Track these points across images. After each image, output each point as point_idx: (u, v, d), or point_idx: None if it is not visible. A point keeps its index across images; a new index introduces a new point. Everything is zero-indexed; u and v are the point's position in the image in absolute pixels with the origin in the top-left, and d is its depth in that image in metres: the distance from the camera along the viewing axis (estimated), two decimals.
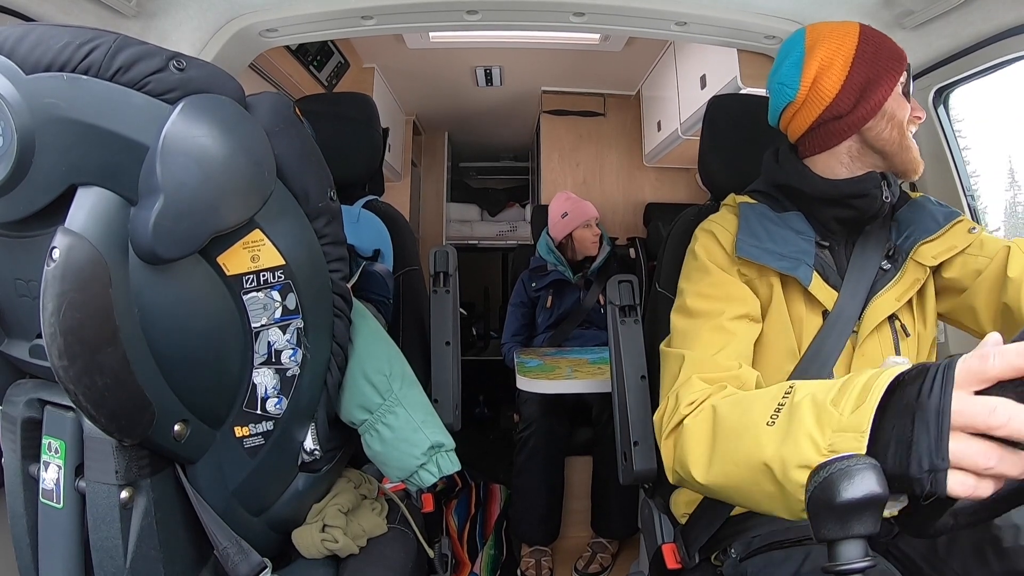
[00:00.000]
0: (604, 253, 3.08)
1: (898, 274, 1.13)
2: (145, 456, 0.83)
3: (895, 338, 1.13)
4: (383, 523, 1.17)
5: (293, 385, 0.95)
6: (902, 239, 1.15)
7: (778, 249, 1.12)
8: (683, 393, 1.00)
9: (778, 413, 0.75)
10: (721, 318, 1.09)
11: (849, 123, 1.10)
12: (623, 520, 2.44)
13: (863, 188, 1.10)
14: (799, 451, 0.68)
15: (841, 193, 1.11)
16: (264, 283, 0.88)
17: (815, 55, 1.11)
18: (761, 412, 0.78)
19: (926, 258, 1.12)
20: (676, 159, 4.00)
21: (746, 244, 1.14)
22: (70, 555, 0.84)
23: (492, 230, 5.89)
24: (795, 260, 1.11)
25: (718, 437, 0.87)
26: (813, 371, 1.10)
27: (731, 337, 1.07)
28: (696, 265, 1.19)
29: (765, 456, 0.74)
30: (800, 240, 1.14)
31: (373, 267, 1.55)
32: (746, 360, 1.07)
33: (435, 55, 3.71)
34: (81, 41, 0.71)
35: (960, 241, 1.13)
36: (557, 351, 2.75)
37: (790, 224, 1.16)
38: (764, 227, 1.16)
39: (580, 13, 1.67)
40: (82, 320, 0.68)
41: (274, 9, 1.61)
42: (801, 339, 1.13)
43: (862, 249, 1.15)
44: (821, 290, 1.12)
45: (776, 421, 0.75)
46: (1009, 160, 2.03)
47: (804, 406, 0.71)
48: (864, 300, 1.12)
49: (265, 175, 0.83)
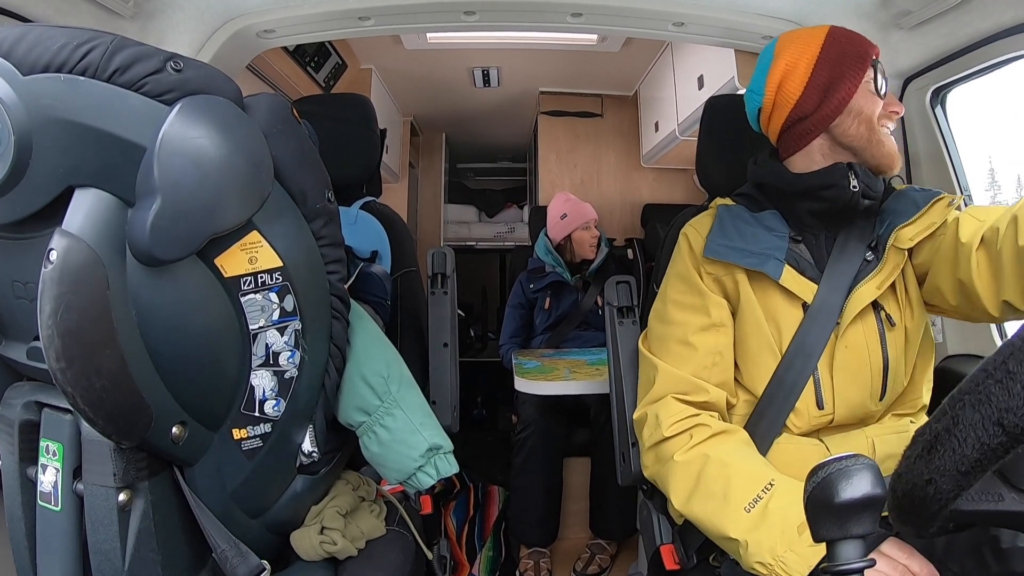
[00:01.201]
0: (602, 254, 3.07)
1: (880, 263, 1.13)
2: (143, 458, 0.83)
3: (880, 328, 1.13)
4: (381, 525, 1.17)
5: (291, 387, 0.95)
6: (884, 228, 1.15)
7: (747, 247, 1.17)
8: (663, 415, 1.14)
9: (754, 505, 0.98)
10: (687, 331, 1.19)
11: (815, 122, 1.15)
12: (621, 521, 2.43)
13: (829, 179, 1.13)
14: (760, 550, 0.94)
15: (809, 185, 1.15)
16: (262, 285, 0.88)
17: (780, 61, 1.17)
18: (741, 493, 1.00)
19: (903, 241, 1.12)
20: (674, 160, 3.99)
21: (715, 244, 1.19)
22: (68, 558, 0.84)
23: (490, 231, 5.89)
24: (763, 256, 1.15)
25: (700, 490, 1.05)
26: (798, 365, 1.12)
27: (694, 352, 1.18)
28: (674, 271, 1.27)
29: (735, 533, 0.97)
30: (772, 237, 1.18)
31: (371, 269, 1.54)
32: (711, 369, 1.17)
33: (433, 56, 3.71)
34: (78, 42, 0.71)
35: (939, 218, 1.12)
36: (555, 352, 2.75)
37: (763, 222, 1.20)
38: (736, 227, 1.21)
39: (578, 14, 1.67)
40: (79, 322, 0.68)
41: (271, 10, 1.61)
42: (781, 334, 1.15)
43: (844, 241, 1.16)
44: (796, 283, 1.14)
45: (751, 511, 0.98)
46: (990, 160, 2.04)
47: (775, 517, 0.95)
48: (847, 291, 1.13)
49: (263, 176, 0.83)
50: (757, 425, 1.14)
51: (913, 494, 0.62)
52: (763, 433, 1.13)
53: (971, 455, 0.58)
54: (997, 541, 0.93)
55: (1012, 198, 2.12)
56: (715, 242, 1.19)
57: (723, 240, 1.19)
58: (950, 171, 1.63)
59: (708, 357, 1.17)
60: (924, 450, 0.62)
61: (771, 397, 1.13)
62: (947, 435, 0.59)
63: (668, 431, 1.11)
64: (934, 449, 0.61)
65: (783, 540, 0.92)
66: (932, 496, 0.62)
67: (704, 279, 1.20)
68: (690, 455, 1.08)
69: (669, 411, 1.13)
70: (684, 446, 1.10)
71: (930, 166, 1.67)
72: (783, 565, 0.91)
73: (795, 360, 1.13)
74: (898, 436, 1.12)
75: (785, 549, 0.92)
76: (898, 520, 0.68)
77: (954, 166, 1.63)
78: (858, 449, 1.09)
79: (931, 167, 1.66)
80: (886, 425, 1.14)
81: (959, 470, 0.59)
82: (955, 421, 0.59)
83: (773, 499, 0.97)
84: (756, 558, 0.94)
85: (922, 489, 0.62)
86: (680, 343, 1.18)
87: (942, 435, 0.60)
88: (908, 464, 0.64)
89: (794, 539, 0.92)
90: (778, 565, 0.91)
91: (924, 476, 0.62)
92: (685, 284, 1.22)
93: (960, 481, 0.60)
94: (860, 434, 1.12)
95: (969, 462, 0.58)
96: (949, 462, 0.60)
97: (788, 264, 1.15)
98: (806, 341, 1.13)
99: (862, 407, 1.13)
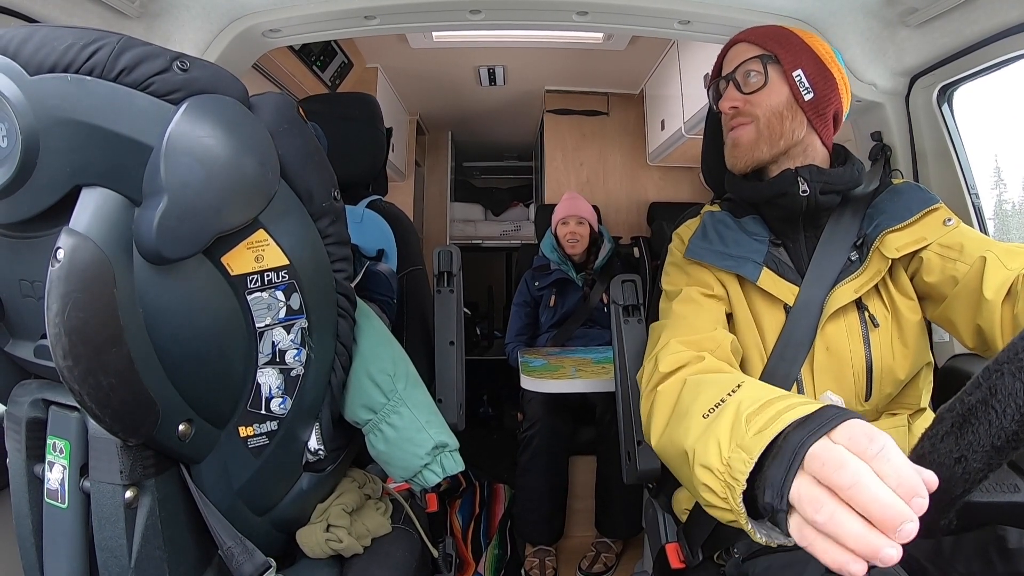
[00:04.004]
0: (607, 252, 3.08)
1: (863, 265, 1.13)
2: (150, 456, 0.83)
3: (864, 329, 1.12)
4: (387, 523, 1.18)
5: (297, 385, 0.96)
6: (872, 228, 1.14)
7: (727, 251, 1.18)
8: (662, 356, 1.04)
9: (715, 409, 0.78)
10: (691, 292, 1.17)
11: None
12: (627, 520, 2.44)
13: (780, 188, 1.14)
14: (706, 452, 0.73)
15: (765, 196, 1.17)
16: (268, 283, 0.88)
17: None
18: (705, 401, 0.81)
19: (890, 249, 1.10)
20: (680, 158, 3.99)
21: (696, 247, 1.22)
22: (75, 555, 0.85)
23: (496, 230, 5.89)
24: (741, 259, 1.17)
25: (675, 412, 0.90)
26: (783, 368, 1.12)
27: (700, 307, 1.15)
28: (670, 260, 1.31)
29: (687, 444, 0.79)
30: (752, 241, 1.19)
31: (377, 267, 1.55)
32: (720, 323, 1.14)
33: (438, 55, 3.71)
34: (85, 42, 0.71)
35: (931, 234, 1.10)
36: (561, 350, 2.75)
37: (745, 227, 1.22)
38: (718, 231, 1.23)
39: (583, 12, 1.67)
40: (86, 320, 0.68)
41: (277, 9, 1.61)
42: (765, 336, 1.15)
43: (828, 241, 1.16)
44: (775, 286, 1.15)
45: (708, 415, 0.78)
46: (995, 159, 2.03)
47: (728, 411, 0.75)
48: (828, 292, 1.13)
49: (269, 175, 0.83)
50: None
51: (937, 476, 0.60)
52: None
53: (1009, 427, 0.56)
54: (1004, 541, 0.92)
55: (1018, 196, 2.11)
56: (696, 245, 1.22)
57: (704, 244, 1.22)
58: (956, 169, 1.62)
59: (714, 313, 1.15)
60: (954, 426, 0.60)
61: None
62: (983, 407, 0.57)
63: (664, 367, 1.01)
64: (967, 423, 0.59)
65: (732, 436, 0.71)
66: (959, 477, 0.59)
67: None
68: (670, 385, 0.97)
69: (668, 351, 1.04)
70: (670, 380, 0.99)
71: (936, 164, 1.66)
72: (729, 471, 0.68)
73: (780, 362, 1.13)
74: (895, 431, 1.12)
75: (734, 445, 0.70)
76: None
77: (961, 164, 1.63)
78: None
79: (937, 165, 1.66)
80: (882, 423, 1.13)
81: (994, 444, 0.57)
82: (992, 391, 0.57)
83: (736, 394, 0.79)
84: (700, 475, 0.73)
85: (949, 469, 0.59)
86: (685, 301, 1.16)
87: (976, 407, 0.58)
88: (932, 444, 0.61)
89: (740, 431, 0.70)
90: (726, 473, 0.69)
91: (953, 454, 0.59)
92: (681, 269, 1.25)
93: (992, 459, 0.58)
94: None
95: (1007, 435, 0.56)
96: (984, 436, 0.57)
97: (767, 267, 1.15)
98: (790, 343, 1.13)
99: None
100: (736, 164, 1.19)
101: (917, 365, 1.14)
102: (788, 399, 0.71)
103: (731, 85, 1.17)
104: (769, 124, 1.14)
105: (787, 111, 1.13)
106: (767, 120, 1.13)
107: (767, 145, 1.15)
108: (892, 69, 1.66)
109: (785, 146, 1.15)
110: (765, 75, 1.13)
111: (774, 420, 0.67)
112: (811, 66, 1.13)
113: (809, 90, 1.12)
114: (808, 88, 1.12)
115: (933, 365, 1.19)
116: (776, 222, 1.20)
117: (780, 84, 1.13)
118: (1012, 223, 2.23)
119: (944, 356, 1.66)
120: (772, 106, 1.13)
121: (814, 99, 1.12)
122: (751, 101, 1.14)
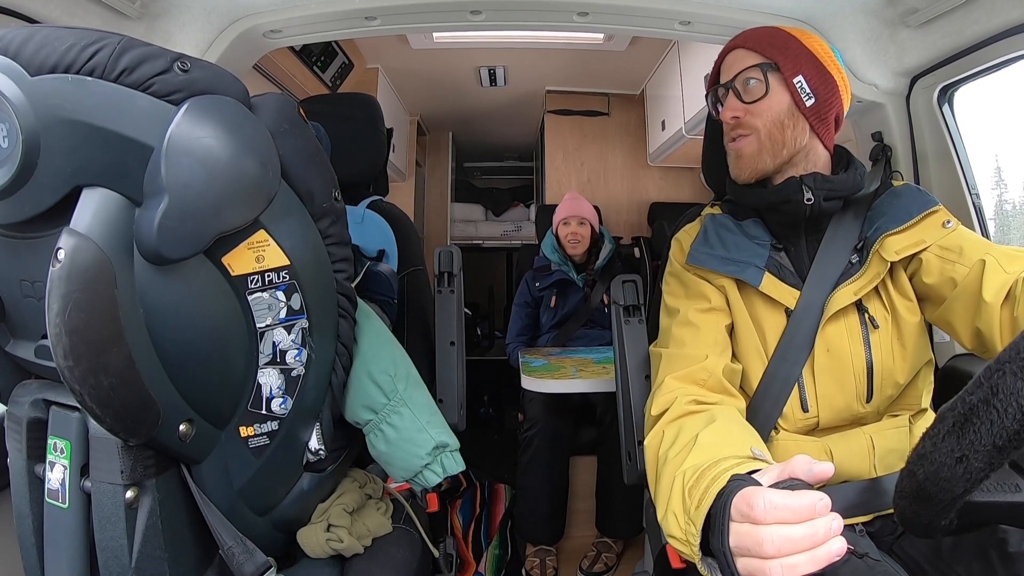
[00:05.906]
0: (608, 252, 3.08)
1: (863, 268, 1.13)
2: (150, 456, 0.83)
3: (864, 331, 1.12)
4: (388, 523, 1.18)
5: (298, 385, 0.96)
6: (872, 230, 1.14)
7: (728, 255, 1.18)
8: (656, 396, 1.08)
9: (673, 481, 0.84)
10: (688, 313, 1.17)
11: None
12: (628, 520, 2.43)
13: (784, 195, 1.13)
14: (668, 523, 0.81)
15: (769, 202, 1.16)
16: (269, 283, 0.88)
17: None
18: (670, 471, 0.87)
19: (889, 252, 1.10)
20: (680, 158, 3.98)
21: (697, 252, 1.22)
22: (75, 555, 0.85)
23: (496, 230, 5.90)
24: (743, 264, 1.16)
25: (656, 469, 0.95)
26: (784, 371, 1.12)
27: (696, 330, 1.15)
28: (668, 272, 1.29)
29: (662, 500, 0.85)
30: (754, 245, 1.19)
31: (377, 267, 1.55)
32: (715, 345, 1.14)
33: (439, 55, 3.71)
34: (86, 43, 0.72)
35: (930, 236, 1.10)
36: (561, 351, 2.74)
37: (746, 231, 1.21)
38: (719, 235, 1.22)
39: (584, 13, 1.67)
40: (87, 320, 0.68)
41: (278, 10, 1.61)
42: (767, 339, 1.15)
43: (829, 244, 1.16)
44: (777, 290, 1.14)
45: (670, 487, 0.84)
46: (996, 159, 2.02)
47: (677, 484, 0.82)
48: (828, 295, 1.12)
49: (269, 176, 0.83)
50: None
51: (938, 476, 0.60)
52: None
53: (1011, 426, 0.56)
54: (1004, 544, 0.92)
55: (1019, 197, 2.11)
56: (698, 250, 1.22)
57: (706, 248, 1.21)
58: (957, 169, 1.62)
59: (711, 334, 1.15)
60: (955, 425, 0.60)
61: (760, 401, 1.13)
62: (984, 406, 0.58)
63: (655, 410, 1.05)
64: (968, 423, 0.59)
65: (684, 510, 0.78)
66: (960, 476, 0.59)
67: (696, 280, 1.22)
68: (655, 432, 1.01)
69: (661, 391, 1.07)
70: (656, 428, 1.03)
71: (937, 165, 1.66)
72: (687, 537, 0.76)
73: (780, 365, 1.13)
74: (897, 431, 1.12)
75: (686, 520, 0.77)
76: (910, 509, 0.67)
77: (961, 165, 1.62)
78: (857, 446, 1.10)
79: (938, 165, 1.66)
80: (883, 425, 1.13)
81: (995, 444, 0.57)
82: (994, 391, 0.57)
83: (682, 467, 0.84)
84: (668, 524, 0.81)
85: (950, 469, 0.60)
86: (682, 324, 1.17)
87: (978, 407, 0.58)
88: (934, 443, 0.62)
89: (688, 505, 0.77)
90: (685, 539, 0.76)
91: (955, 453, 0.60)
92: (679, 280, 1.24)
93: (994, 458, 0.58)
94: (858, 432, 1.11)
95: (1008, 434, 0.57)
96: (986, 435, 0.58)
97: (769, 272, 1.15)
98: (791, 346, 1.12)
99: (848, 410, 1.12)
100: (740, 175, 1.19)
101: (917, 366, 1.14)
102: (717, 467, 0.77)
103: (731, 94, 1.16)
104: (771, 135, 1.13)
105: (788, 119, 1.12)
106: (768, 131, 1.13)
107: (770, 156, 1.14)
108: (893, 69, 1.66)
109: (788, 155, 1.14)
110: (766, 84, 1.12)
111: (704, 494, 0.74)
112: (811, 70, 1.12)
113: (810, 95, 1.12)
114: (809, 94, 1.12)
115: (934, 366, 1.19)
116: (778, 227, 1.19)
117: (781, 92, 1.12)
118: (1013, 223, 2.22)
119: (945, 357, 1.66)
120: (773, 116, 1.12)
121: (816, 104, 1.12)
122: (752, 111, 1.13)
